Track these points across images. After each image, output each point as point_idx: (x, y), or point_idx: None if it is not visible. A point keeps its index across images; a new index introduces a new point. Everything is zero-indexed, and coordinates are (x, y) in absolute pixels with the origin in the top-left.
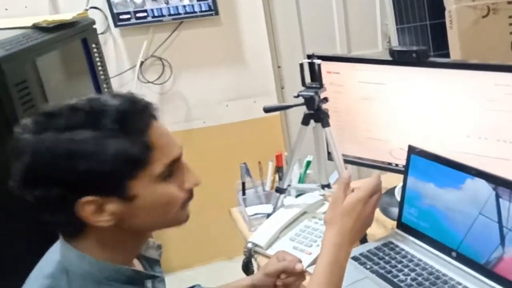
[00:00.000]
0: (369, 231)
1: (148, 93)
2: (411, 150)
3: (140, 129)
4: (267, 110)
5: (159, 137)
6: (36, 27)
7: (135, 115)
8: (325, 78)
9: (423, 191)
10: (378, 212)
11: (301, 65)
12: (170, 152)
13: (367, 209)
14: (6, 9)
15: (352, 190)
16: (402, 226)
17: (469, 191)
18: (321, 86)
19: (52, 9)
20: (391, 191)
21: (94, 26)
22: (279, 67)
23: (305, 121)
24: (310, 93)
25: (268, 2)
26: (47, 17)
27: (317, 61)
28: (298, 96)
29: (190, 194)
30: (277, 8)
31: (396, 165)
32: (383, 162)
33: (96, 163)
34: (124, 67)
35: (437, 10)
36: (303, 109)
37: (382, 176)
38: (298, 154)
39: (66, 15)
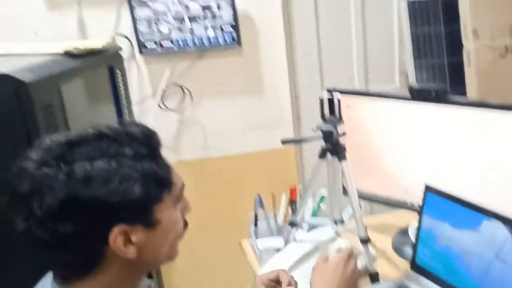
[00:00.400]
0: (381, 271)
1: (167, 120)
2: (428, 189)
3: (158, 153)
4: (284, 142)
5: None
6: (66, 54)
7: (156, 140)
8: (344, 112)
9: (438, 231)
10: (391, 251)
11: (321, 99)
12: (178, 176)
13: (348, 269)
14: (36, 34)
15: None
16: (416, 267)
17: (485, 233)
18: (339, 120)
19: (80, 34)
20: (404, 230)
21: (120, 52)
22: (296, 97)
23: (322, 155)
24: (329, 127)
25: (290, 35)
26: (78, 43)
27: (337, 96)
28: (317, 129)
29: (184, 225)
30: (298, 41)
31: (411, 204)
32: (397, 200)
33: (129, 188)
34: (145, 93)
35: (456, 48)
36: (320, 142)
37: (396, 213)
38: (312, 188)
39: (96, 42)
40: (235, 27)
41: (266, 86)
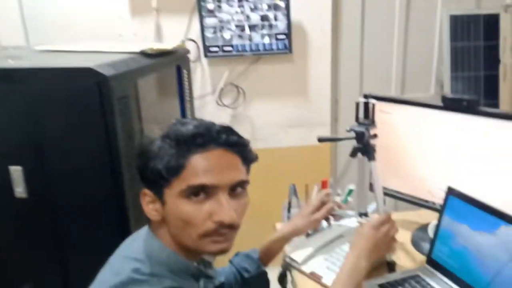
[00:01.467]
0: (398, 262)
1: (222, 115)
2: (450, 191)
3: (187, 149)
4: (321, 140)
5: (203, 162)
6: (142, 53)
7: (189, 136)
8: (378, 117)
9: (456, 232)
10: (409, 245)
11: (357, 104)
12: (200, 177)
13: (379, 234)
14: (120, 35)
15: None
16: (431, 262)
17: (502, 237)
18: (372, 123)
19: (157, 37)
20: (424, 227)
21: (188, 55)
22: (336, 101)
23: (353, 154)
24: (362, 129)
25: (337, 44)
26: (153, 44)
27: (372, 101)
28: (350, 130)
29: (215, 228)
30: (343, 49)
31: (433, 203)
32: (420, 199)
33: (150, 162)
34: (206, 91)
35: (493, 63)
36: (353, 142)
37: (419, 212)
38: (342, 182)
39: (168, 44)
40: (288, 35)
41: (311, 90)
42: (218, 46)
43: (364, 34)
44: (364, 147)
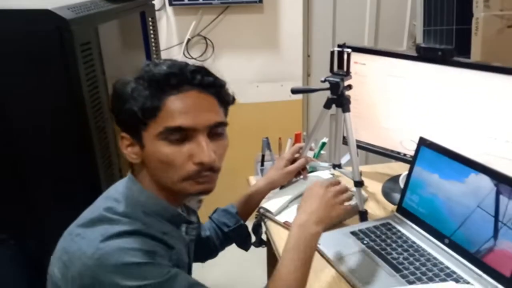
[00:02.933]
0: (370, 211)
1: None
2: (422, 141)
3: (162, 90)
4: (294, 91)
5: (177, 103)
6: None
7: (162, 77)
8: (351, 68)
9: (427, 181)
10: (380, 195)
11: (332, 53)
12: (177, 119)
13: (328, 194)
14: None
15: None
16: (402, 210)
17: (472, 185)
18: (347, 73)
19: None
20: (395, 178)
21: (153, 2)
22: (308, 56)
23: (328, 105)
24: (336, 79)
25: None
26: None
27: (347, 50)
28: (324, 81)
29: (197, 170)
30: (316, 1)
31: (405, 154)
32: (392, 151)
33: (126, 105)
34: (172, 42)
35: (465, 16)
36: (326, 94)
37: (390, 164)
38: (315, 135)
39: None
40: None
41: (282, 43)
42: None
43: None
44: (339, 98)
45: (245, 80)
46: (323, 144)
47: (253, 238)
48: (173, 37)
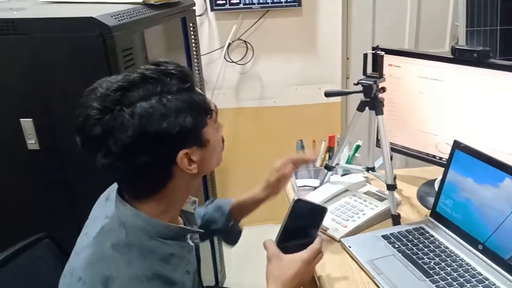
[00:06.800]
0: (403, 214)
1: (231, 71)
2: (456, 145)
3: (195, 85)
4: (328, 94)
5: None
6: (145, 4)
7: (189, 75)
8: (386, 70)
9: (461, 185)
10: (415, 199)
11: (365, 56)
12: (211, 102)
13: (309, 269)
14: None
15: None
16: (436, 214)
17: (506, 190)
18: (380, 76)
19: None
20: (431, 182)
21: (194, 8)
22: (347, 58)
23: (361, 108)
24: (369, 81)
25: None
26: None
27: (380, 53)
28: (357, 83)
29: (223, 139)
30: (355, 3)
31: (440, 158)
32: (428, 154)
33: (183, 119)
34: (214, 46)
35: (510, 16)
36: (360, 96)
37: (427, 168)
38: (350, 138)
39: None
40: None
41: (321, 46)
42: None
43: None
44: (372, 101)
45: (284, 83)
46: (357, 147)
47: None
48: (214, 41)
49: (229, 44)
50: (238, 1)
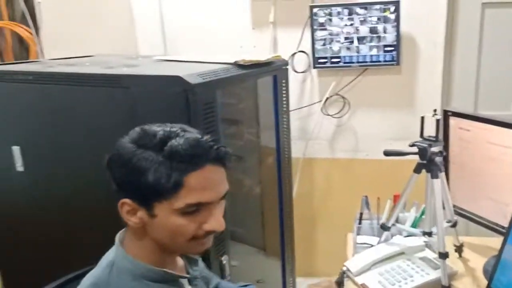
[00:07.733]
0: (461, 287)
1: (326, 124)
2: None
3: (184, 168)
4: (387, 153)
5: (199, 180)
6: (236, 64)
7: (186, 155)
8: (456, 134)
9: None
10: (480, 272)
11: (422, 118)
12: (200, 195)
13: None
14: (241, 47)
15: None
16: None
17: None
18: (436, 139)
19: (272, 49)
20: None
21: (286, 67)
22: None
23: (417, 170)
24: (424, 144)
25: (450, 59)
26: (247, 56)
27: (436, 117)
28: (413, 145)
29: (206, 234)
30: (457, 65)
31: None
32: (496, 224)
33: (142, 178)
34: (313, 100)
35: None
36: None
37: (495, 238)
38: (406, 197)
39: (262, 56)
40: (396, 47)
41: (418, 103)
42: (326, 58)
43: (482, 47)
44: (428, 164)
45: (378, 137)
46: (424, 210)
47: None
48: (314, 95)
49: (327, 98)
50: (339, 60)
